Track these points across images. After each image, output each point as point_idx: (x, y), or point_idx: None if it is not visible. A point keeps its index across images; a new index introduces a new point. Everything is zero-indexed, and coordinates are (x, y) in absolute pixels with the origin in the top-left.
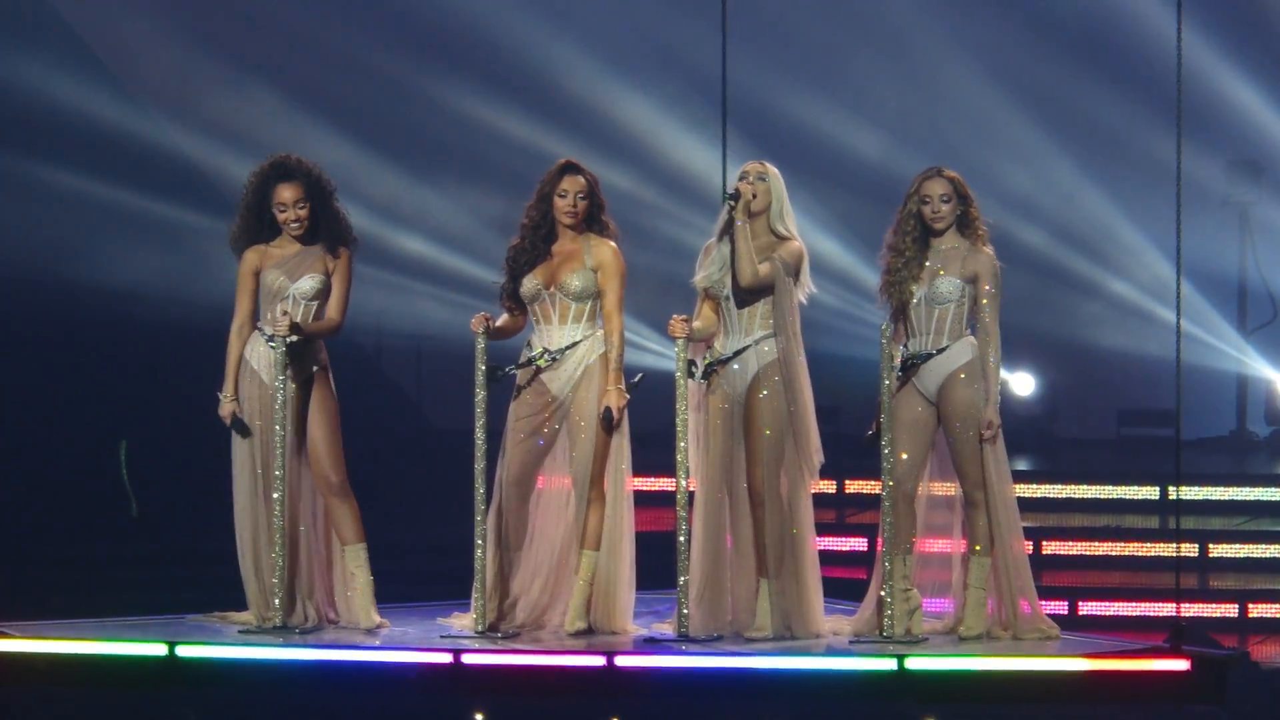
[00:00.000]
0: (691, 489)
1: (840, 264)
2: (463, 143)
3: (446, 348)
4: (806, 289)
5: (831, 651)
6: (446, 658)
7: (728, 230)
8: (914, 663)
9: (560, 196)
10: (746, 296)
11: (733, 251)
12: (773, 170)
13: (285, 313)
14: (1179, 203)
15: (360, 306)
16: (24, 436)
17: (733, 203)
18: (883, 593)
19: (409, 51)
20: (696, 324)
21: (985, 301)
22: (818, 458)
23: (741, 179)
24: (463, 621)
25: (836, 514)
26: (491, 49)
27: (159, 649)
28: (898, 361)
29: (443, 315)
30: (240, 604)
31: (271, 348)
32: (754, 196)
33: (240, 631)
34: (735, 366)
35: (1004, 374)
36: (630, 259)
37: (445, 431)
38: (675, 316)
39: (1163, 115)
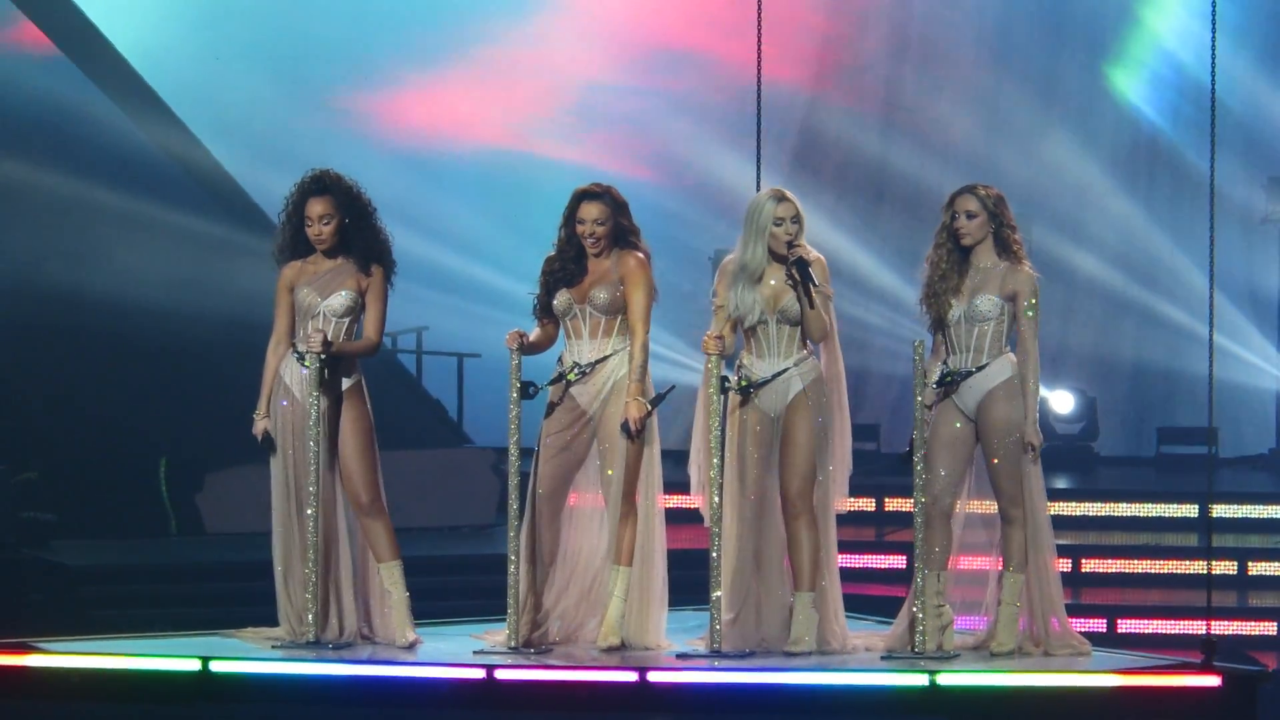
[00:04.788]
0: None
1: (884, 284)
2: (514, 159)
3: (489, 365)
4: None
5: (864, 667)
6: (480, 673)
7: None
8: (946, 678)
9: (580, 223)
10: (791, 324)
11: (803, 312)
12: (794, 200)
13: (319, 330)
14: (1212, 215)
15: (402, 323)
16: (68, 449)
17: (803, 273)
18: (915, 609)
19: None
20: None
21: (1024, 320)
22: (846, 482)
23: (778, 225)
24: (496, 638)
25: (876, 531)
26: (532, 64)
27: (193, 664)
28: (931, 378)
29: (485, 333)
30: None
31: (304, 366)
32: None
33: (273, 646)
34: (776, 387)
35: (1044, 392)
36: (669, 274)
37: (486, 449)
38: (709, 334)
39: (1207, 134)
